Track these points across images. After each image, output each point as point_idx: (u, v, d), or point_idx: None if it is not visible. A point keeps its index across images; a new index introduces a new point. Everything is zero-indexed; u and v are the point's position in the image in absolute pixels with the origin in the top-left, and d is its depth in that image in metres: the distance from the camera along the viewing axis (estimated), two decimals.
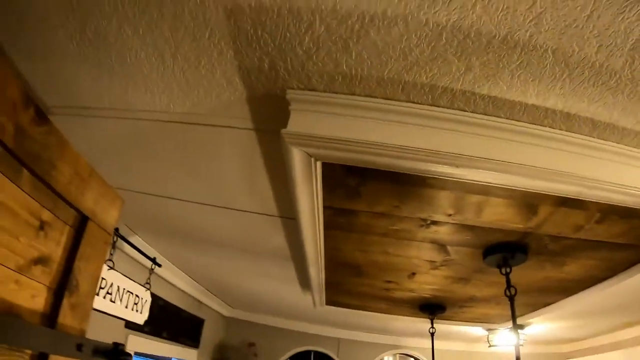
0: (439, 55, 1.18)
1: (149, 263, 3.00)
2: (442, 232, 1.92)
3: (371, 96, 1.35)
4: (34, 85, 1.55)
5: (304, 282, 3.40)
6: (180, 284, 4.11)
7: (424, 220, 1.81)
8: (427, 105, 1.35)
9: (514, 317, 1.90)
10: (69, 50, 1.34)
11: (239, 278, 3.99)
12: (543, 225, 1.75)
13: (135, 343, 3.39)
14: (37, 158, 0.97)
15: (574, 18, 1.03)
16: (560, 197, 1.51)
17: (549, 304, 2.98)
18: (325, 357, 5.48)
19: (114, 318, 2.73)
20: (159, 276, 3.73)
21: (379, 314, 3.54)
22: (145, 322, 3.51)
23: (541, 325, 4.56)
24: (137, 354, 3.50)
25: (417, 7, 1.04)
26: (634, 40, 1.07)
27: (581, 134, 1.43)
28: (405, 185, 1.54)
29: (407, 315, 3.39)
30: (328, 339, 5.45)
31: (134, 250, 2.63)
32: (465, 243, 2.02)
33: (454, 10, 1.04)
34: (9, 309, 0.92)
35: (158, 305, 3.85)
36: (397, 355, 5.55)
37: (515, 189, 1.49)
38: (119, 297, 2.24)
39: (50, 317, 1.08)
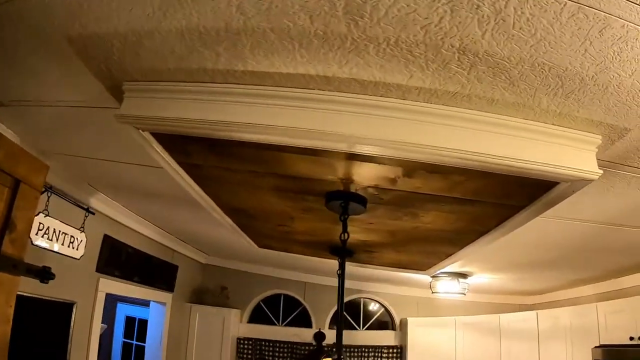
0: (193, 49, 1.48)
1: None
2: (272, 182, 2.20)
3: (171, 81, 1.70)
4: None
5: None
6: (148, 233, 4.71)
7: (251, 172, 2.11)
8: (208, 83, 1.67)
9: (343, 264, 2.29)
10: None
11: (200, 227, 4.51)
12: (352, 176, 1.99)
13: (106, 285, 4.02)
14: None
15: (270, 1, 1.21)
16: (340, 152, 1.72)
17: (449, 255, 3.28)
18: (295, 300, 6.07)
19: (85, 266, 3.47)
20: (126, 226, 4.33)
21: (304, 257, 4.01)
22: (113, 266, 4.16)
23: (482, 277, 5.00)
24: (109, 294, 4.17)
25: (158, 23, 1.41)
26: (342, 5, 1.19)
27: (351, 93, 1.60)
28: (216, 145, 1.85)
29: (322, 258, 3.73)
30: (295, 283, 5.93)
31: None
32: (300, 190, 2.27)
33: (180, 18, 1.34)
34: None
35: (127, 252, 4.49)
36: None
37: (292, 146, 1.73)
38: (55, 237, 2.87)
39: None
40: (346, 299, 5.99)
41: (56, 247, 2.84)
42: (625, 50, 1.23)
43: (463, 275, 4.74)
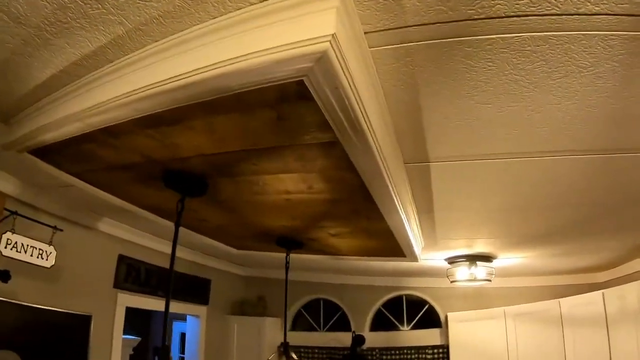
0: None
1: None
2: (125, 175, 2.13)
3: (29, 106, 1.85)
4: None
5: None
6: (168, 250, 4.89)
7: (99, 169, 2.06)
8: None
9: (175, 235, 2.04)
10: None
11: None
12: (146, 152, 1.81)
13: (125, 299, 4.26)
14: None
15: None
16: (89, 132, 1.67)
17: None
18: (335, 303, 5.62)
19: (100, 281, 3.80)
20: (141, 245, 4.58)
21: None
22: (132, 282, 4.40)
23: (510, 258, 4.18)
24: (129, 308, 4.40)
25: None
26: None
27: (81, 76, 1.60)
28: (52, 152, 1.92)
29: (272, 252, 3.44)
30: (331, 286, 5.52)
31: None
32: (148, 178, 2.12)
33: None
34: None
35: (146, 269, 4.70)
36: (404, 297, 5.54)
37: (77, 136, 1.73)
38: (23, 250, 3.18)
39: None
40: (386, 297, 5.50)
41: (25, 258, 3.16)
42: None
43: (486, 258, 4.04)
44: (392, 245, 3.08)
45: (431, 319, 5.34)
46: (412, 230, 2.78)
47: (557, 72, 1.41)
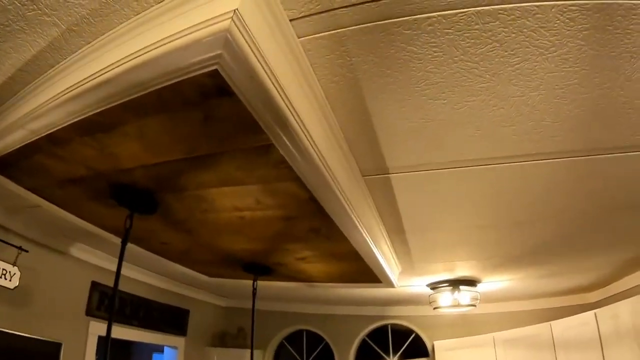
0: None
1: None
2: (75, 191, 1.95)
3: None
4: None
5: None
6: (146, 279, 4.67)
7: (52, 185, 1.93)
8: None
9: (121, 253, 1.81)
10: None
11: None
12: (89, 163, 1.67)
13: (97, 328, 4.02)
14: None
15: None
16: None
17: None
18: (318, 334, 5.34)
19: (71, 309, 3.58)
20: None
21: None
22: (106, 310, 4.16)
23: (494, 281, 3.97)
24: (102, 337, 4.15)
25: None
26: None
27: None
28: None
29: (243, 279, 3.14)
30: (313, 317, 5.29)
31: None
32: (97, 193, 1.97)
33: None
34: None
35: (120, 297, 4.47)
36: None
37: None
38: None
39: None
40: (370, 327, 5.24)
41: None
42: None
43: (469, 283, 3.84)
44: (364, 270, 2.87)
45: (418, 348, 5.06)
46: (381, 252, 2.59)
47: (515, 55, 1.22)
